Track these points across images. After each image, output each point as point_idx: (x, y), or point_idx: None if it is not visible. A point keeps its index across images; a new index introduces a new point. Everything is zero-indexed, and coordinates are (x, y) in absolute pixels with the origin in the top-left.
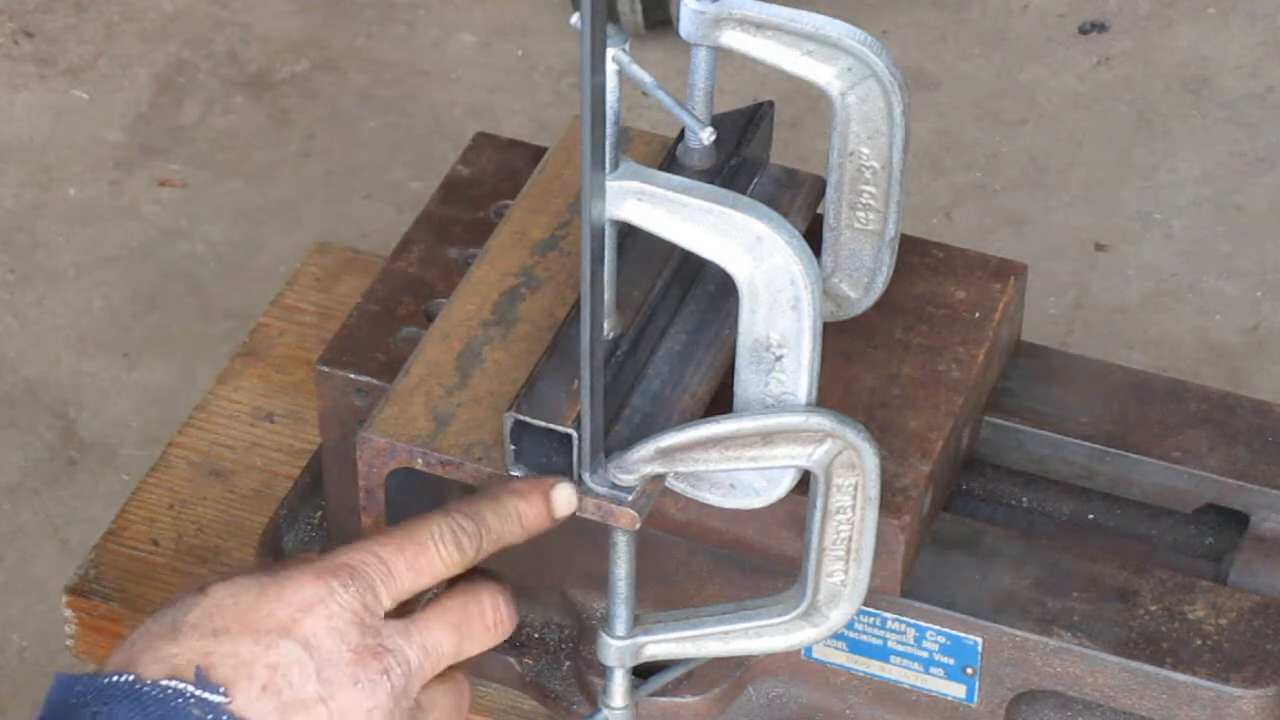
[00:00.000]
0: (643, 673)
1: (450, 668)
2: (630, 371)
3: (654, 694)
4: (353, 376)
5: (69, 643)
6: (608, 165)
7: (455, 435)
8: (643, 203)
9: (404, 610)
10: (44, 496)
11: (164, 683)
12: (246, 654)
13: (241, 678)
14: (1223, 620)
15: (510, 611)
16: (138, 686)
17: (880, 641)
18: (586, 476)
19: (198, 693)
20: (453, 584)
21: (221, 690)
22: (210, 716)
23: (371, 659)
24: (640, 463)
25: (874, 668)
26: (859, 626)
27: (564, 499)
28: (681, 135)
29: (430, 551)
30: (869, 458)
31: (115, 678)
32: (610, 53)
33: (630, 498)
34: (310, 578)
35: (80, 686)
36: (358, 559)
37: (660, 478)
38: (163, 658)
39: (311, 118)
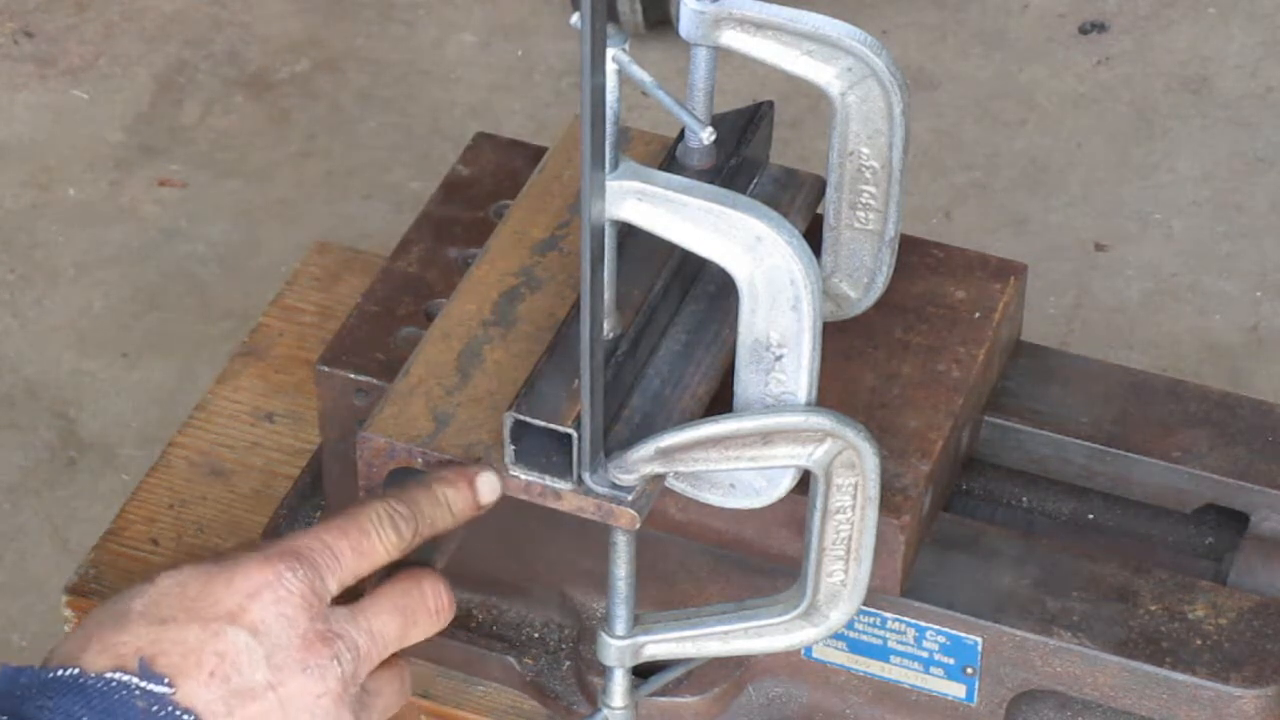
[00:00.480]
0: (643, 673)
1: (394, 655)
2: (630, 371)
3: (654, 694)
4: (353, 376)
5: None
6: (608, 165)
7: (455, 435)
8: (643, 203)
9: (344, 600)
10: (44, 496)
11: (108, 675)
12: (194, 641)
13: (189, 666)
14: (1223, 620)
15: (450, 599)
16: (82, 680)
17: (880, 641)
18: (586, 476)
19: (141, 684)
20: (390, 574)
21: (166, 680)
22: (155, 707)
23: (321, 645)
24: (640, 463)
25: (874, 668)
26: (859, 626)
27: (488, 486)
28: (681, 135)
29: (371, 536)
30: (869, 458)
31: (60, 671)
32: (610, 53)
33: (630, 498)
34: (257, 564)
35: (25, 679)
36: (304, 544)
37: (660, 478)
38: (109, 647)
39: (311, 118)
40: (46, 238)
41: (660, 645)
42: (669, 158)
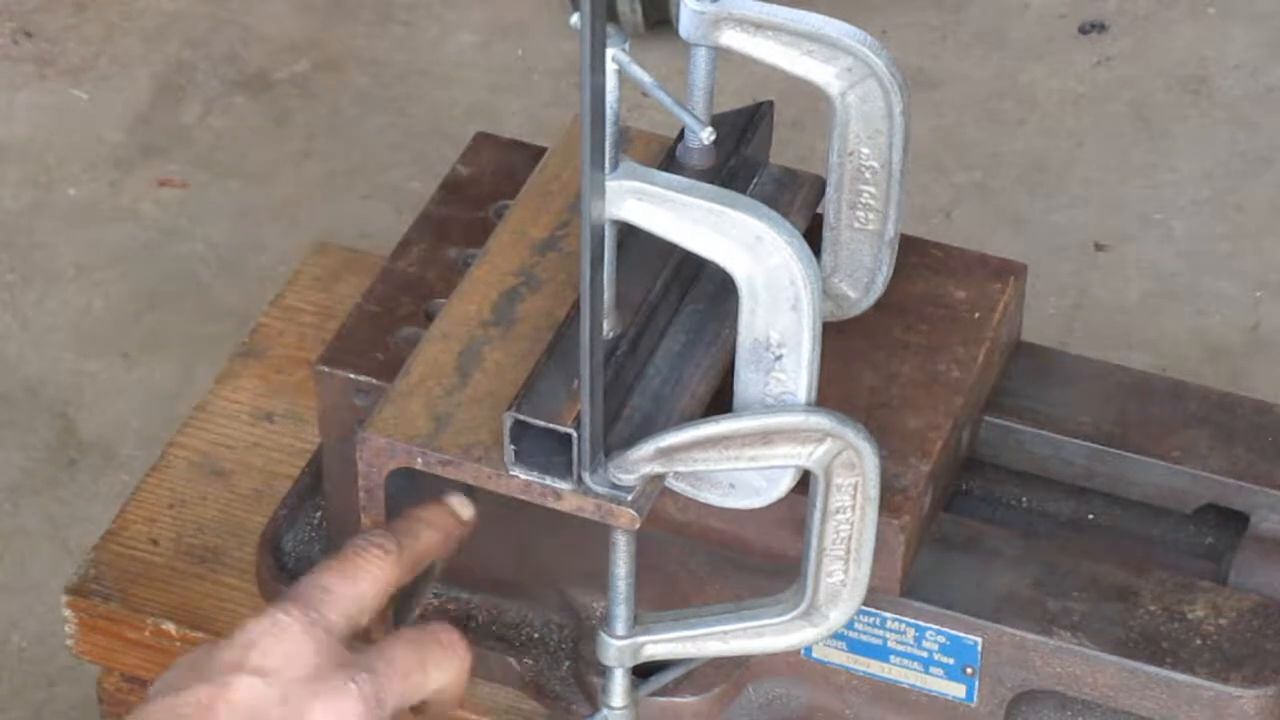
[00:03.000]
0: (643, 672)
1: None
2: (630, 371)
3: (654, 694)
4: (353, 376)
5: (69, 643)
6: (607, 165)
7: (455, 435)
8: (642, 202)
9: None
10: (44, 496)
11: None
12: (206, 699)
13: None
14: (1222, 620)
15: (462, 639)
16: None
17: (880, 641)
18: (586, 476)
19: None
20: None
21: None
22: None
23: (332, 670)
24: (640, 462)
25: (874, 667)
26: (859, 626)
27: (458, 501)
28: (681, 135)
29: (353, 558)
30: (869, 458)
31: None
32: (610, 53)
33: (630, 497)
34: (252, 618)
35: None
36: (291, 590)
37: (660, 477)
38: None
39: (311, 118)
40: (46, 238)
41: (660, 645)
42: (669, 158)
